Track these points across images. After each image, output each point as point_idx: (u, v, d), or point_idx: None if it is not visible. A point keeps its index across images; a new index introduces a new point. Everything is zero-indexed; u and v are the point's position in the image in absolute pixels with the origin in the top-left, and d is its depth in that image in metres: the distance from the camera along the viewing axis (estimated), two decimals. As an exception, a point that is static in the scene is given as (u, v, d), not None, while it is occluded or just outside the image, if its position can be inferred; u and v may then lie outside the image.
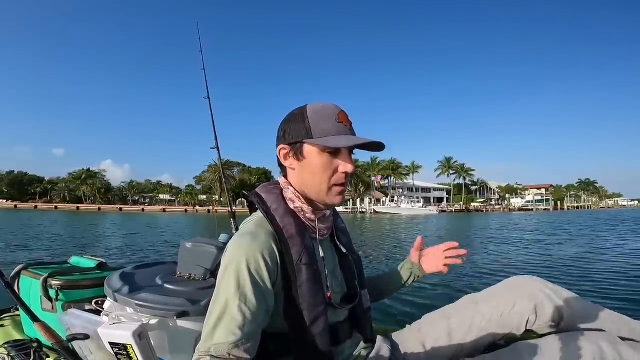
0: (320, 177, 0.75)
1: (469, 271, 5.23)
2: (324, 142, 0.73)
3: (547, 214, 43.95)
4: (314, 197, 0.79)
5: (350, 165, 0.75)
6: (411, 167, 64.12)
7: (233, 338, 0.64)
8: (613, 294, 3.84)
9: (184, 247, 1.18)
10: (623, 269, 5.30)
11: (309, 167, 0.76)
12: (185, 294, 0.99)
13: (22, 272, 1.27)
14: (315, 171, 0.76)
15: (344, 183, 0.77)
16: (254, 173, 57.02)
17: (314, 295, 0.74)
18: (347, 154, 0.76)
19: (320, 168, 0.75)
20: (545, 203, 66.74)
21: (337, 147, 0.73)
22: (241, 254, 0.69)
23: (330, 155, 0.75)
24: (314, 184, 0.77)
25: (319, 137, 0.73)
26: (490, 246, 8.82)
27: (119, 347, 0.84)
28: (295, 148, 0.77)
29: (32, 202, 55.22)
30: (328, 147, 0.73)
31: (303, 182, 0.79)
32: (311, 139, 0.74)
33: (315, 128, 0.74)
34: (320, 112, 0.75)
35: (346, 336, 0.83)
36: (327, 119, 0.74)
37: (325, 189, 0.76)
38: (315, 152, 0.75)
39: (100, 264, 1.35)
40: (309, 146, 0.75)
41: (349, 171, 0.75)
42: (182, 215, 41.84)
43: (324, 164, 0.75)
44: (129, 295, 0.94)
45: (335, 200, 0.78)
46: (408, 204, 52.74)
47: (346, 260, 0.88)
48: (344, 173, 0.76)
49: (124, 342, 0.83)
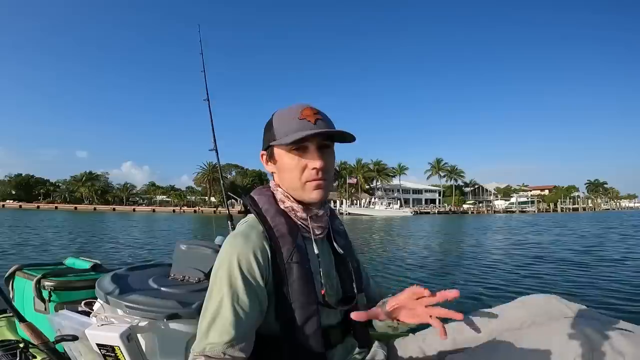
0: (293, 176, 0.77)
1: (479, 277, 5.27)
2: (282, 141, 0.75)
3: (526, 215, 43.77)
4: (294, 195, 0.81)
5: (319, 161, 0.75)
6: (398, 168, 63.97)
7: (227, 337, 0.64)
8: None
9: (178, 248, 1.18)
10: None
11: (282, 168, 0.79)
12: (177, 296, 0.99)
13: (17, 272, 1.28)
14: (287, 170, 0.78)
15: (319, 178, 0.77)
16: (249, 175, 57.04)
17: (305, 294, 0.74)
18: (315, 150, 0.76)
19: (291, 167, 0.77)
20: (531, 205, 65.49)
21: (291, 143, 0.73)
22: (233, 254, 0.70)
23: (298, 152, 0.76)
24: (290, 183, 0.79)
25: (282, 137, 0.76)
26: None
27: (107, 348, 0.84)
28: (268, 153, 0.82)
29: (35, 203, 58.03)
30: (289, 144, 0.74)
31: (283, 182, 0.82)
32: (275, 141, 0.76)
33: (278, 130, 0.77)
34: (284, 114, 0.79)
35: (337, 340, 0.82)
36: (290, 118, 0.77)
37: (300, 186, 0.78)
38: (283, 153, 0.78)
39: (95, 265, 1.36)
40: (277, 148, 0.79)
41: (318, 167, 0.75)
42: (169, 214, 44.31)
43: (292, 163, 0.77)
44: (119, 297, 0.94)
45: (313, 196, 0.78)
46: (382, 206, 51.74)
47: (343, 262, 0.87)
48: (314, 169, 0.76)
49: (111, 344, 0.83)
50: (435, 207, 63.24)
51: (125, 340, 0.82)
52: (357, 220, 32.18)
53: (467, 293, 4.18)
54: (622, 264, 6.22)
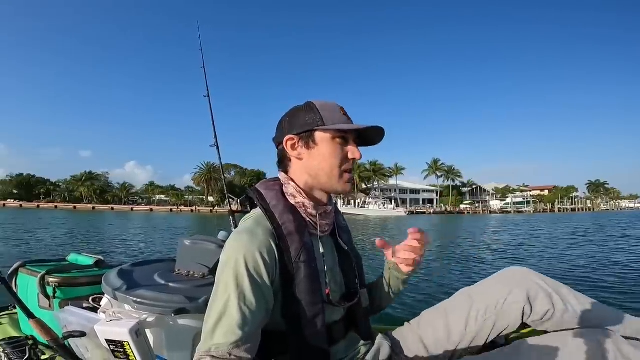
0: (332, 163, 0.79)
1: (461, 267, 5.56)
2: (338, 127, 0.78)
3: (520, 216, 43.86)
4: (325, 184, 0.81)
5: (358, 152, 0.80)
6: (395, 169, 63.90)
7: (233, 338, 0.63)
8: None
9: (182, 244, 1.18)
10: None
11: (319, 155, 0.80)
12: (184, 291, 0.99)
13: (20, 269, 1.27)
14: (327, 157, 0.79)
15: (352, 169, 0.82)
16: (248, 175, 57.04)
17: (312, 293, 0.74)
18: (353, 143, 0.81)
19: (332, 154, 0.79)
20: (527, 205, 65.39)
21: (349, 130, 0.79)
22: (239, 252, 0.69)
23: (340, 142, 0.80)
24: (324, 171, 0.80)
25: (330, 124, 0.79)
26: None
27: (116, 344, 0.83)
28: (305, 137, 0.80)
29: (36, 202, 58.66)
30: (342, 131, 0.79)
31: (312, 170, 0.81)
32: (324, 126, 0.78)
33: (327, 116, 0.79)
34: (327, 105, 0.82)
35: (341, 336, 0.83)
36: (335, 110, 0.81)
37: (337, 175, 0.80)
38: (328, 139, 0.79)
39: (98, 261, 1.35)
40: (322, 133, 0.79)
41: (357, 157, 0.80)
42: (166, 213, 44.95)
43: (335, 150, 0.79)
44: (126, 292, 0.94)
45: (347, 188, 0.81)
46: (376, 206, 51.85)
47: (346, 258, 0.88)
48: (352, 159, 0.80)
49: (120, 339, 0.82)
50: (432, 207, 63.31)
51: (135, 336, 0.81)
52: (350, 220, 31.86)
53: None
54: (554, 260, 6.96)
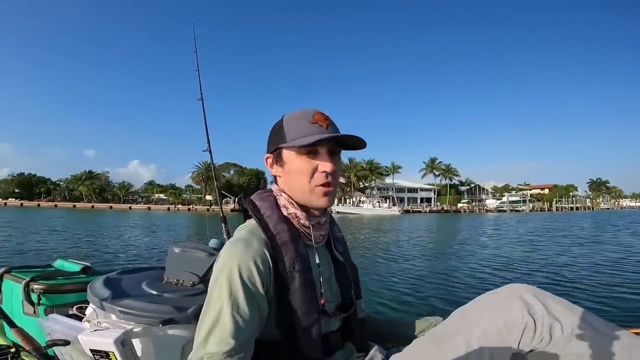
0: (302, 179, 0.76)
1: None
2: (295, 143, 0.74)
3: (514, 215, 44.16)
4: (301, 200, 0.79)
5: (330, 164, 0.75)
6: (391, 167, 63.93)
7: (226, 347, 0.62)
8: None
9: (172, 252, 1.16)
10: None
11: (290, 171, 0.78)
12: (172, 300, 0.97)
13: (5, 275, 1.25)
14: (296, 174, 0.77)
15: (328, 183, 0.77)
16: (246, 174, 56.99)
17: (307, 303, 0.73)
18: (325, 154, 0.76)
19: (300, 170, 0.76)
20: (523, 204, 65.39)
21: (306, 145, 0.73)
22: (233, 262, 0.68)
23: (308, 156, 0.76)
24: (297, 187, 0.78)
25: (293, 140, 0.76)
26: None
27: (101, 354, 0.82)
28: (276, 155, 0.80)
29: (36, 201, 59.62)
30: (301, 147, 0.74)
31: (289, 186, 0.80)
32: (285, 143, 0.76)
33: (289, 132, 0.77)
34: (295, 117, 0.78)
35: (338, 346, 0.82)
36: (302, 122, 0.77)
37: (308, 191, 0.77)
38: (293, 155, 0.77)
39: (85, 267, 1.33)
40: (286, 150, 0.78)
41: (328, 170, 0.75)
42: (164, 212, 45.57)
43: (302, 166, 0.76)
44: (112, 302, 0.92)
45: (322, 202, 0.78)
46: (369, 204, 51.68)
47: (342, 269, 0.87)
48: (323, 172, 0.76)
49: (105, 350, 0.81)
50: (428, 205, 63.44)
51: (120, 346, 0.80)
52: (344, 219, 32.58)
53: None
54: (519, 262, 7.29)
